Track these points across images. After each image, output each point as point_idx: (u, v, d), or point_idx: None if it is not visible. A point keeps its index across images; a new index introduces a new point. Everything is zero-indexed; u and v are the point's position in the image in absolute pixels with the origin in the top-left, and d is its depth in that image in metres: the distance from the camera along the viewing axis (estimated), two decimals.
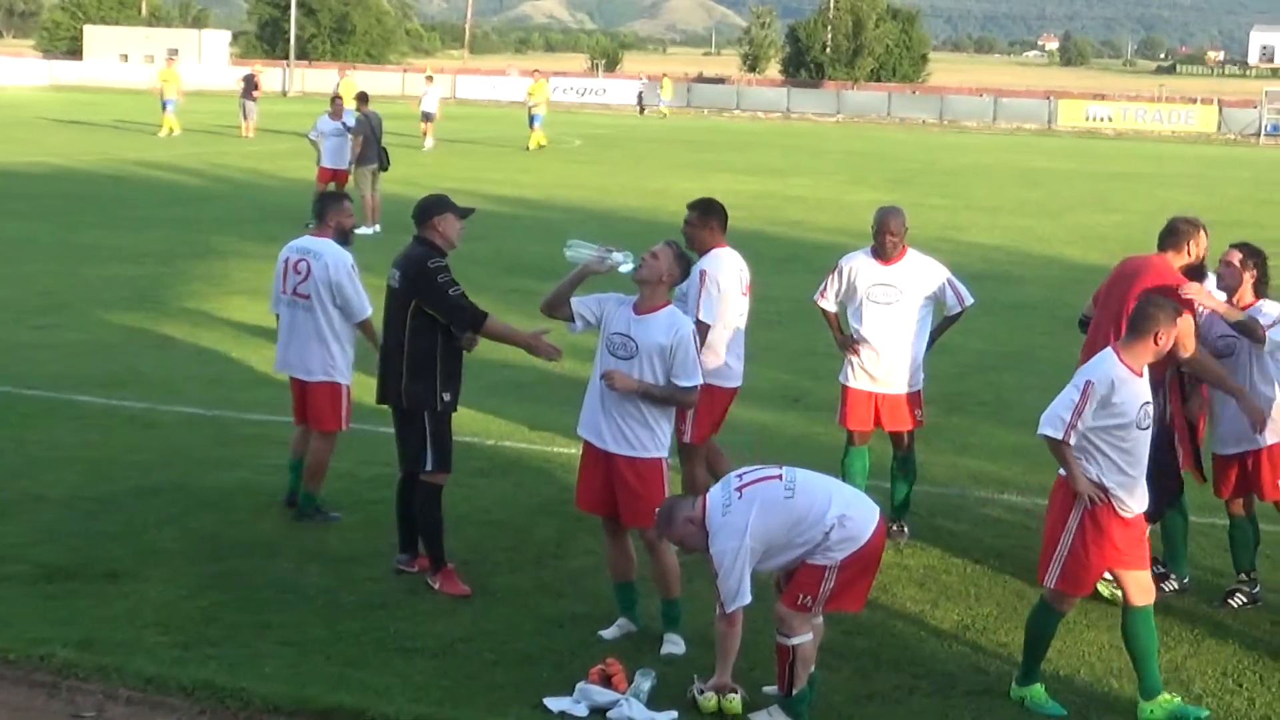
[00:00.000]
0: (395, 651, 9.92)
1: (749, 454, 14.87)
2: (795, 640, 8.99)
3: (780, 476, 9.07)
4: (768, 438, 15.56)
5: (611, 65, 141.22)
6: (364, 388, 12.68)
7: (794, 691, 9.01)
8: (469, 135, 54.81)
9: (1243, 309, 11.03)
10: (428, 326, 10.98)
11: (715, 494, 9.13)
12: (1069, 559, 9.35)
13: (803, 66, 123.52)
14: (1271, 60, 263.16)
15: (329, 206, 12.87)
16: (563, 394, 16.07)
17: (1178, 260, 11.36)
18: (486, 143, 57.34)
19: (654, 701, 9.16)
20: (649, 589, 10.46)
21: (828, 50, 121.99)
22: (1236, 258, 11.16)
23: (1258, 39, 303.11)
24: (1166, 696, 9.39)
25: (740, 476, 9.14)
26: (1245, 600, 11.28)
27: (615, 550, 10.46)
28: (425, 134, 53.28)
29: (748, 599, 8.95)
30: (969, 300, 12.87)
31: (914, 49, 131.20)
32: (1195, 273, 11.40)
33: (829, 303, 12.87)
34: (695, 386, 10.03)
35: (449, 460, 11.30)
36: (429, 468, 11.16)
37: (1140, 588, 9.32)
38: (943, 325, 13.00)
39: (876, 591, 11.31)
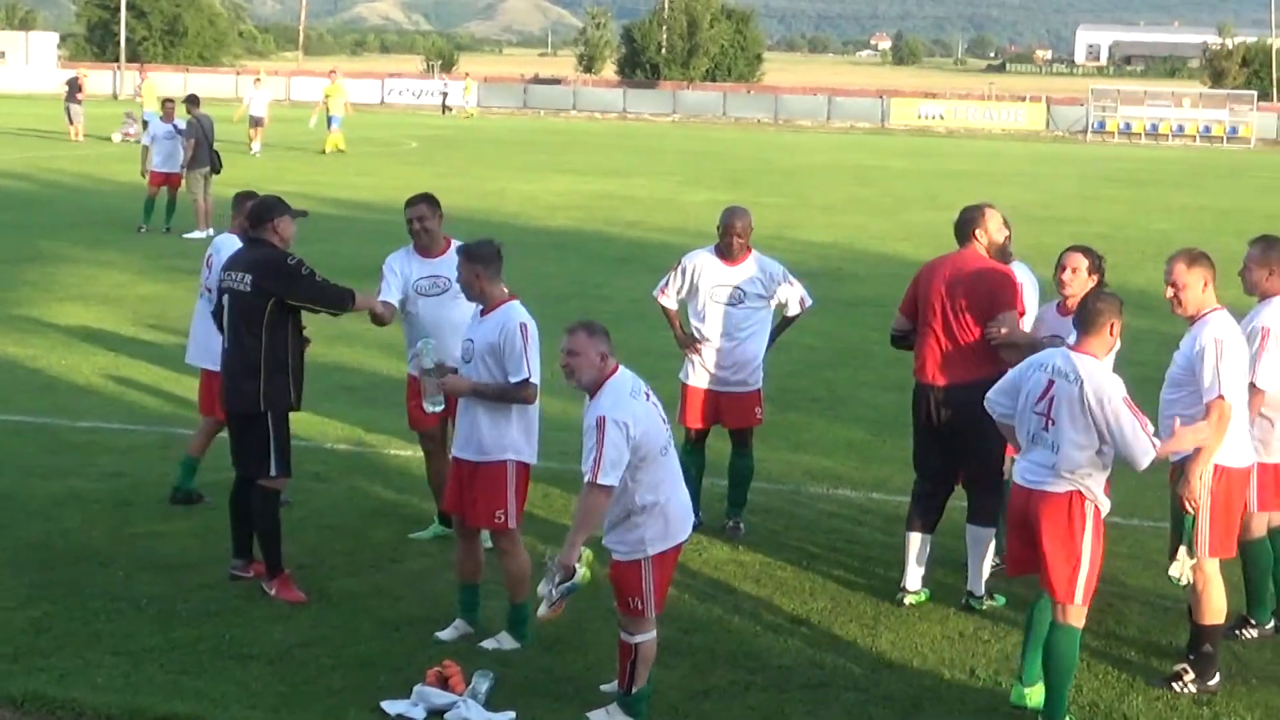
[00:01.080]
0: (231, 658, 9.85)
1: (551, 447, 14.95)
2: (639, 638, 9.05)
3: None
4: None
5: (447, 66, 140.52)
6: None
7: (634, 689, 9.06)
8: (304, 138, 54.38)
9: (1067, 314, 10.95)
10: (282, 325, 10.98)
11: (630, 376, 9.08)
12: (1090, 572, 9.15)
13: (638, 67, 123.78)
14: (1098, 59, 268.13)
15: (237, 206, 12.85)
16: (395, 397, 15.97)
17: (979, 247, 11.47)
18: (320, 144, 56.87)
19: (492, 703, 9.17)
20: (493, 592, 10.47)
21: (663, 50, 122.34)
22: (1084, 265, 11.11)
23: (1084, 38, 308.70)
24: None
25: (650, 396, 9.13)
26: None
27: (464, 551, 10.47)
28: (253, 138, 52.60)
29: (616, 480, 8.73)
30: (809, 302, 13.07)
31: (748, 49, 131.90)
32: (1002, 256, 11.57)
33: (669, 300, 12.93)
34: (524, 381, 9.97)
35: (290, 464, 11.27)
36: (273, 473, 11.11)
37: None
38: (781, 325, 13.17)
39: (712, 588, 11.46)
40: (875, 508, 13.71)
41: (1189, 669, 9.90)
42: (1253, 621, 10.87)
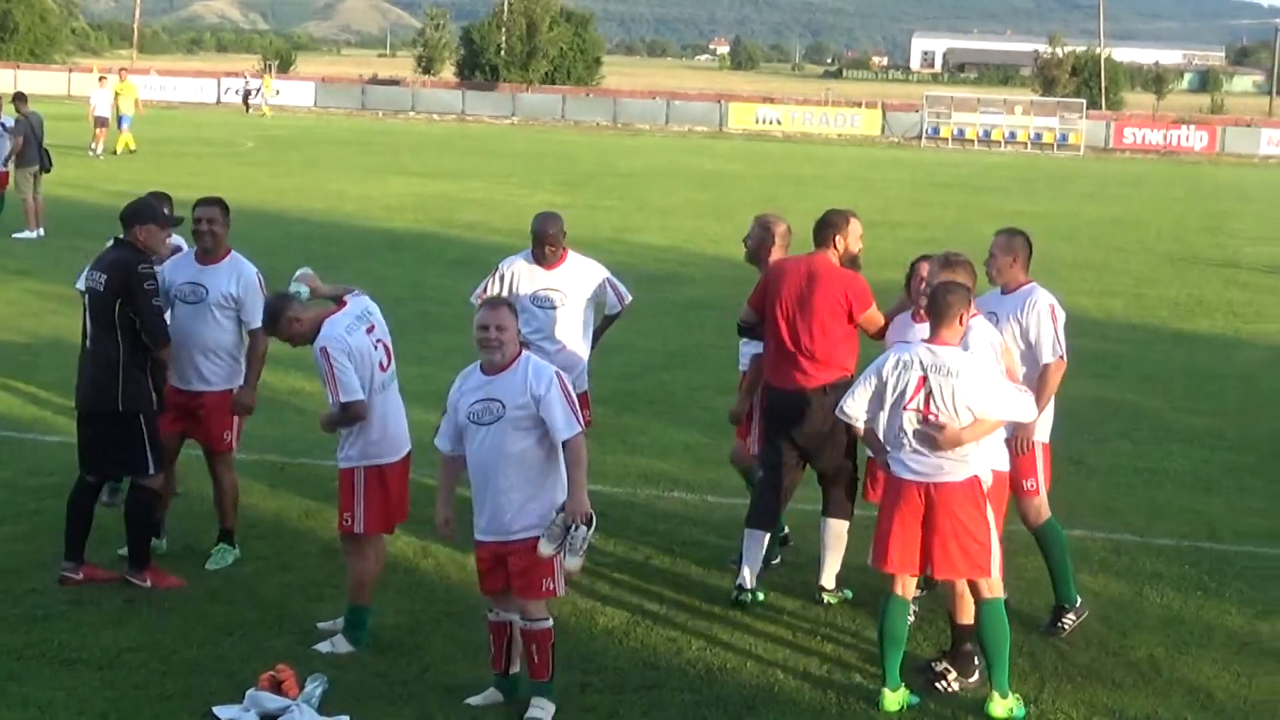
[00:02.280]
0: (60, 664, 9.72)
1: (424, 458, 14.92)
2: (550, 622, 9.28)
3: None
4: None
5: (285, 66, 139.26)
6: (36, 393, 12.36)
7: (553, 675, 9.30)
8: (139, 137, 53.62)
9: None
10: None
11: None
12: (998, 542, 9.69)
13: (477, 69, 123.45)
14: (933, 66, 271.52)
15: None
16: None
17: (834, 254, 11.65)
18: (157, 144, 56.12)
19: (325, 707, 9.12)
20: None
21: (502, 53, 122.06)
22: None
23: (919, 45, 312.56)
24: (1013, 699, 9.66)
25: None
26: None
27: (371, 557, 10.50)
28: (97, 138, 51.58)
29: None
30: (628, 299, 13.08)
31: (587, 52, 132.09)
32: (853, 265, 11.73)
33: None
34: (343, 406, 9.91)
35: (163, 461, 11.29)
36: (151, 471, 11.07)
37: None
38: (604, 325, 13.20)
39: None
40: (710, 510, 13.80)
41: (951, 668, 10.10)
42: (1066, 606, 11.08)
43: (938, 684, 9.95)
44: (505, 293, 12.65)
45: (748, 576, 11.41)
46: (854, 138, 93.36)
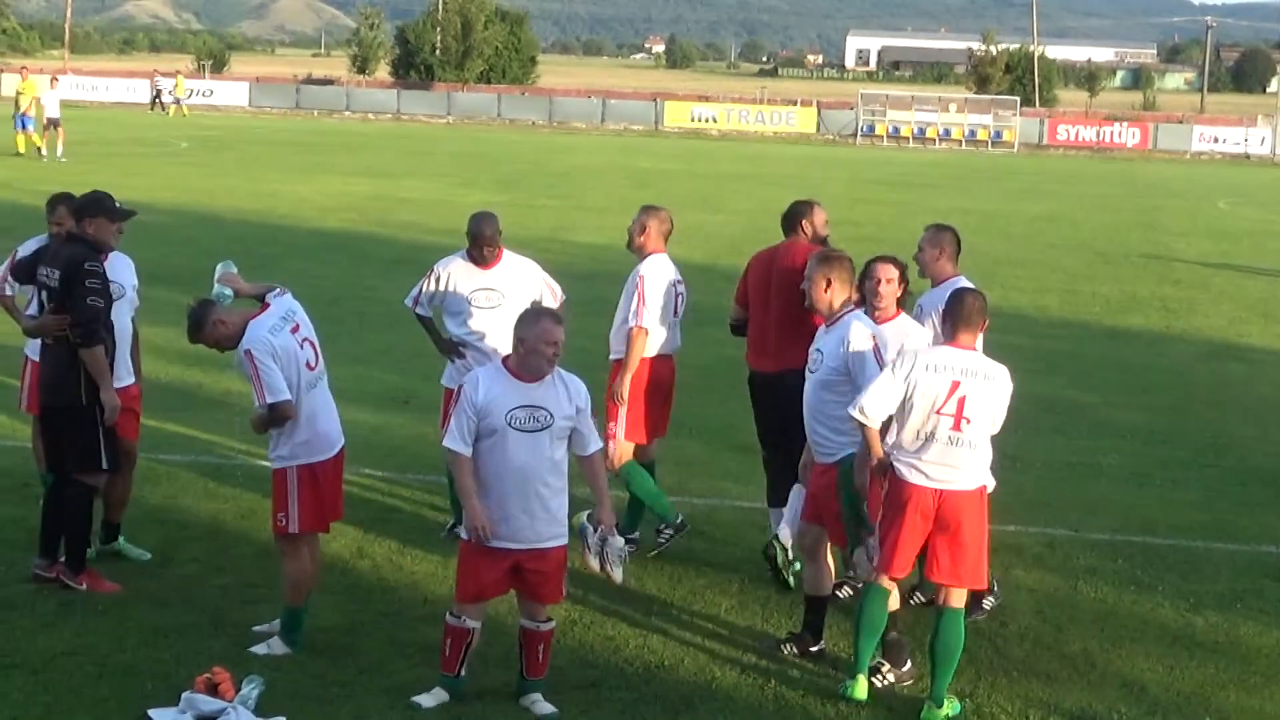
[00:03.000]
0: None
1: (360, 458, 14.89)
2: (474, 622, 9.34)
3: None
4: (378, 439, 15.54)
5: (219, 66, 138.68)
6: None
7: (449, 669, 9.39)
8: (72, 137, 53.27)
9: (889, 320, 10.68)
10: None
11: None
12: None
13: (412, 68, 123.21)
14: (868, 64, 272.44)
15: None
16: (168, 402, 15.86)
17: (803, 238, 12.11)
18: (90, 145, 55.80)
19: (262, 709, 9.08)
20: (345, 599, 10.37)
21: (437, 52, 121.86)
22: (895, 275, 10.76)
23: (854, 43, 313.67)
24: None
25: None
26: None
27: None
28: (57, 140, 50.71)
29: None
30: (560, 295, 13.10)
31: (523, 51, 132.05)
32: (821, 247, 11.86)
33: (423, 309, 12.84)
34: (270, 407, 9.84)
35: (118, 459, 11.25)
36: (105, 465, 11.05)
37: None
38: None
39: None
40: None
41: (883, 660, 10.15)
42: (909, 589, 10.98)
43: (873, 678, 9.98)
44: (440, 293, 12.63)
45: (786, 536, 11.72)
46: (789, 136, 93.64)
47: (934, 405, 9.47)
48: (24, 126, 52.12)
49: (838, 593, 11.35)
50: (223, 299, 10.37)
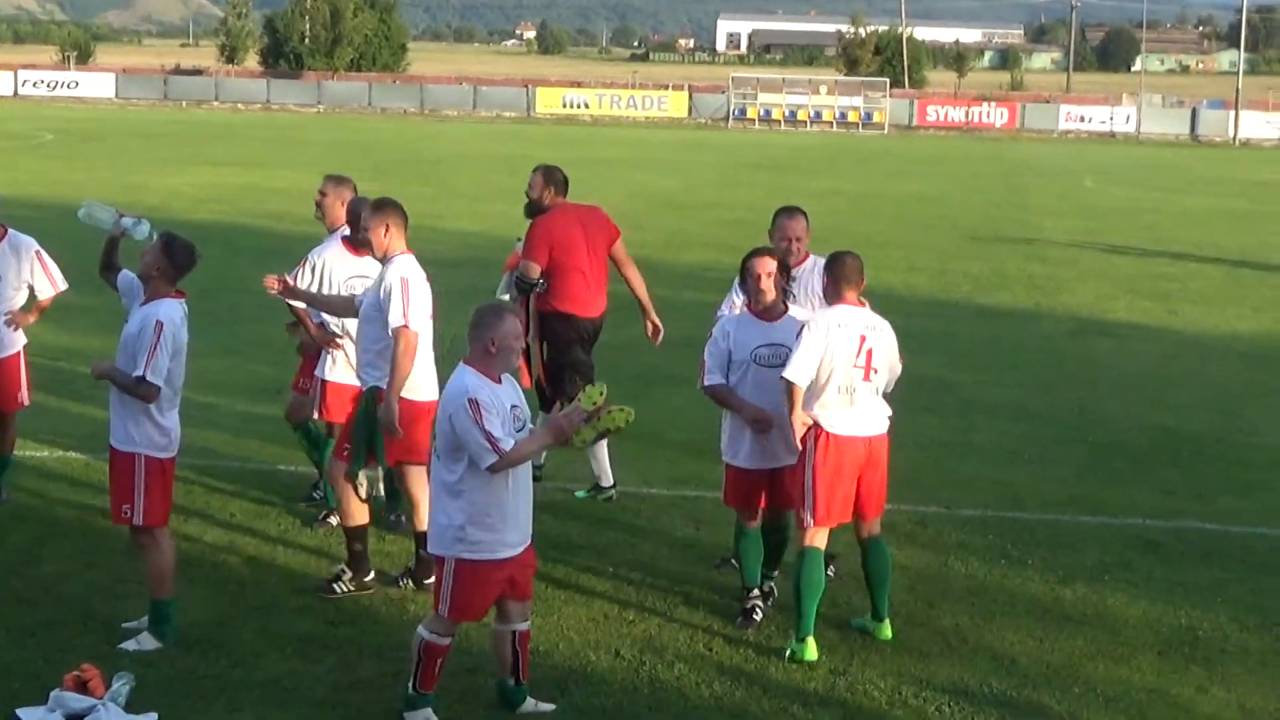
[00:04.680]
0: None
1: (231, 451, 14.78)
2: (443, 640, 9.12)
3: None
4: (251, 430, 15.43)
5: (84, 58, 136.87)
6: None
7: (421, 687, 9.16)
8: None
9: (780, 316, 10.64)
10: None
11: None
12: None
13: (282, 57, 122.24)
14: (739, 47, 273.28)
15: None
16: (34, 396, 15.64)
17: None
18: None
19: (133, 705, 8.99)
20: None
21: (306, 40, 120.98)
22: (774, 268, 10.64)
23: (725, 27, 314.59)
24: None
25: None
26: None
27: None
28: None
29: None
30: None
31: (393, 38, 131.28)
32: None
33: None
34: (142, 379, 9.77)
35: None
36: None
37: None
38: None
39: None
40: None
41: (345, 569, 11.09)
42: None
43: (335, 585, 10.94)
44: (316, 283, 12.52)
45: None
46: (661, 120, 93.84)
47: (850, 360, 10.19)
48: None
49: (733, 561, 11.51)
50: (139, 231, 10.46)
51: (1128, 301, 26.84)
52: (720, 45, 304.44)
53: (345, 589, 11.01)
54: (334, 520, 12.58)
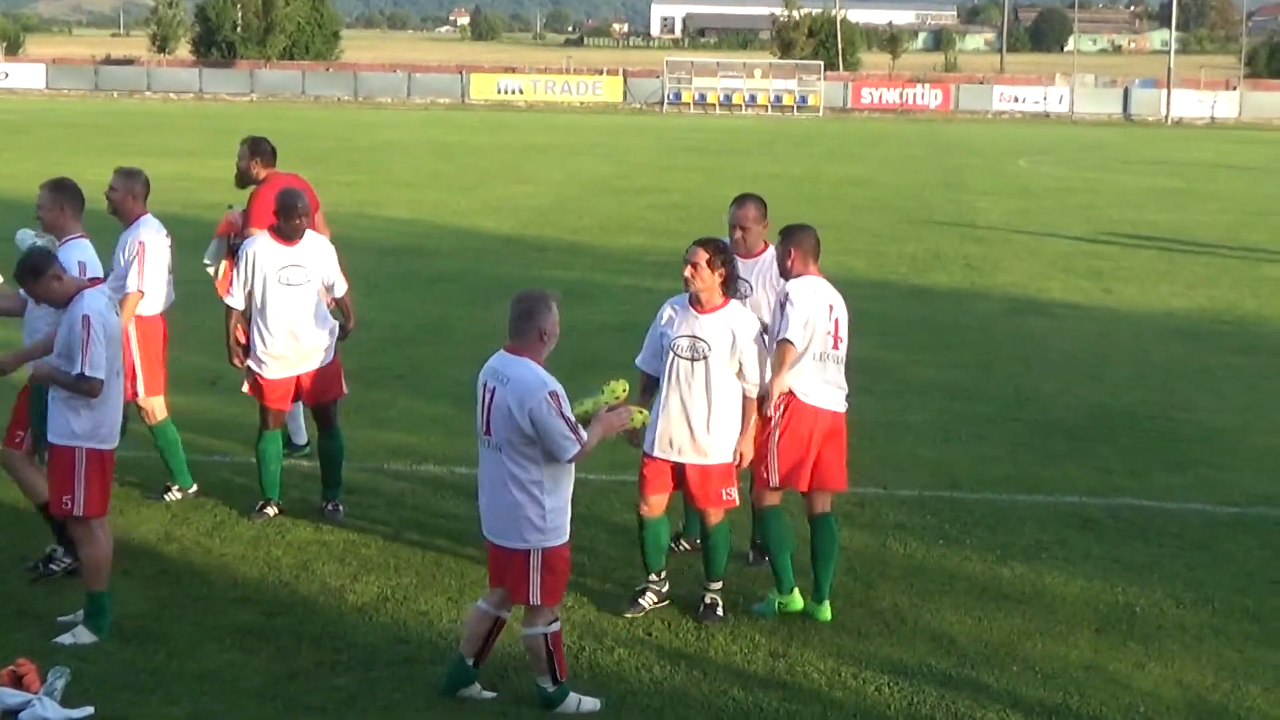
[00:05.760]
0: None
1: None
2: (556, 626, 9.12)
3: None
4: (189, 420, 15.30)
5: (14, 49, 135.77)
6: None
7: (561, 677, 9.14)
8: None
9: (713, 310, 10.35)
10: None
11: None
12: None
13: (214, 46, 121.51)
14: (673, 31, 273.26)
15: None
16: None
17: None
18: None
19: (70, 699, 8.93)
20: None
21: (239, 29, 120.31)
22: (703, 258, 10.24)
23: (659, 11, 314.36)
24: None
25: None
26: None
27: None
28: None
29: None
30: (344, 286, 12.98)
31: (326, 26, 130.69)
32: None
33: (237, 299, 12.65)
34: (82, 375, 9.70)
35: None
36: None
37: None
38: (344, 310, 13.11)
39: (296, 570, 11.36)
40: (458, 481, 13.73)
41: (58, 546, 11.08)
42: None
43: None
44: (249, 276, 12.45)
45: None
46: (597, 105, 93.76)
47: (825, 328, 10.58)
48: None
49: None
50: (53, 245, 10.38)
51: (1062, 280, 26.96)
52: (655, 29, 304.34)
53: (60, 565, 11.06)
54: (271, 511, 12.54)
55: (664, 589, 10.87)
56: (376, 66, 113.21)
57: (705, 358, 10.20)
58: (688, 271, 10.29)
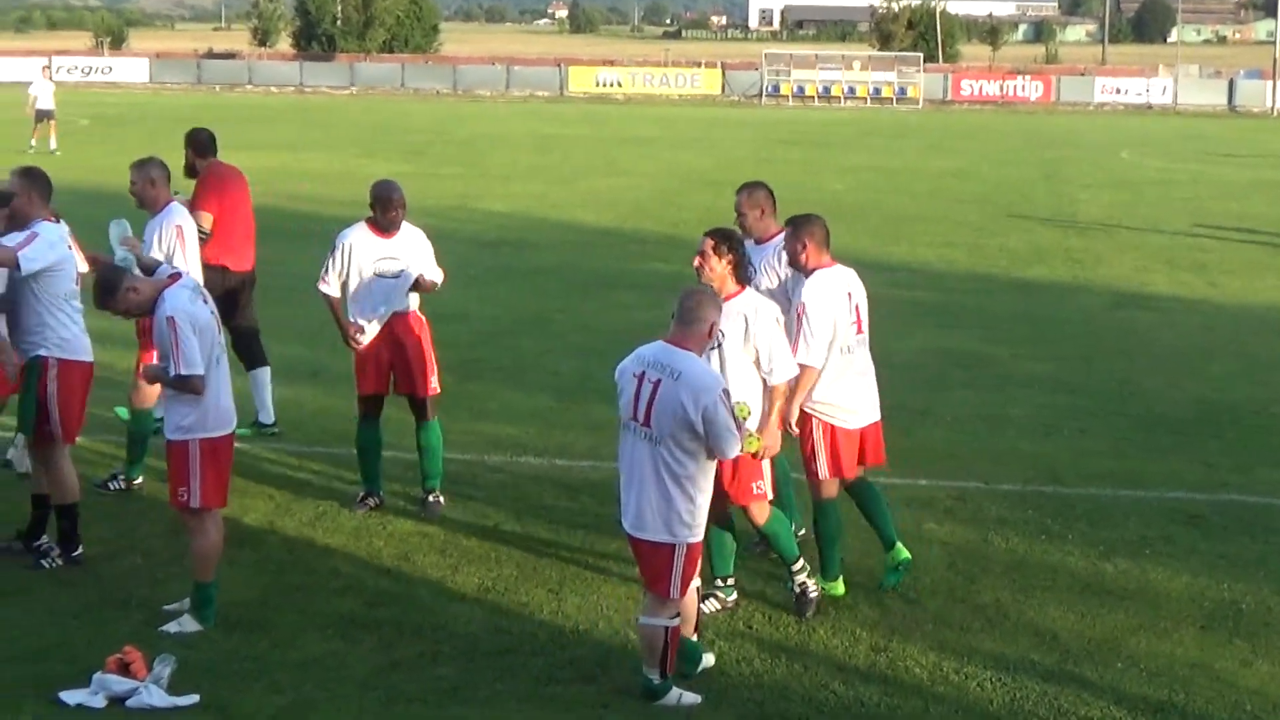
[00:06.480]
0: None
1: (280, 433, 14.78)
2: (677, 621, 9.13)
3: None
4: (287, 412, 15.43)
5: (118, 43, 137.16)
6: None
7: (668, 672, 9.15)
8: None
9: (728, 298, 10.03)
10: None
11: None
12: None
13: (314, 39, 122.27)
14: (771, 24, 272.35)
15: None
16: None
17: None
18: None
19: (174, 687, 9.00)
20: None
21: (338, 23, 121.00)
22: (709, 246, 10.09)
23: (757, 3, 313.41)
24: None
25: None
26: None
27: None
28: (49, 133, 48.76)
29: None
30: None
31: (425, 19, 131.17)
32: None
33: (332, 288, 12.67)
34: (181, 376, 9.80)
35: None
36: None
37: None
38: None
39: (398, 561, 11.41)
40: (558, 474, 13.78)
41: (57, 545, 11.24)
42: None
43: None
44: (345, 266, 12.51)
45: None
46: (695, 98, 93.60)
47: (847, 320, 10.63)
48: None
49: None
50: (128, 264, 10.35)
51: (1166, 274, 26.69)
52: (753, 22, 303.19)
53: (54, 563, 11.20)
54: (372, 502, 12.61)
55: (730, 597, 10.74)
56: (475, 59, 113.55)
57: (719, 345, 9.89)
58: (696, 261, 10.18)
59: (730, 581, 10.72)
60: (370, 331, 12.53)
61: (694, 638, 9.46)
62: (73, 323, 11.26)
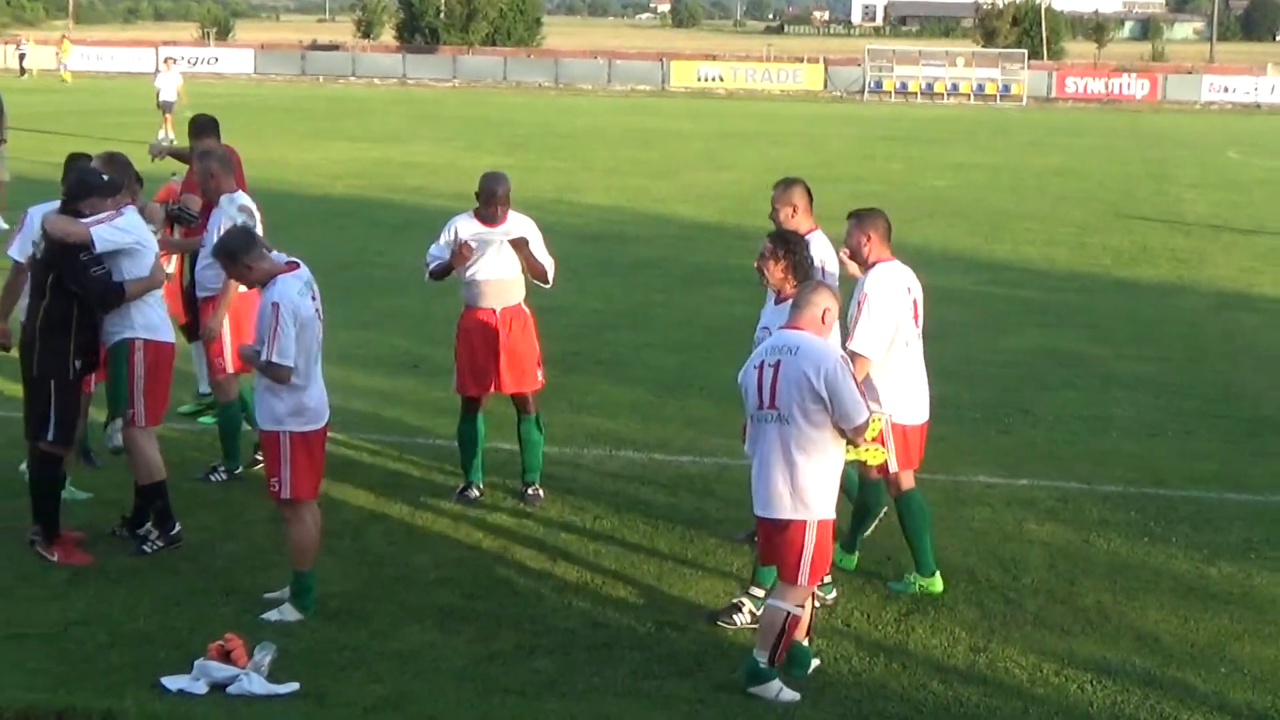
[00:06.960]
0: (6, 638, 9.65)
1: (369, 424, 14.87)
2: (800, 610, 9.21)
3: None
4: (388, 403, 15.52)
5: (224, 34, 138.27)
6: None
7: (776, 660, 9.16)
8: (85, 105, 53.11)
9: (787, 298, 10.03)
10: (64, 295, 10.88)
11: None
12: None
13: (417, 32, 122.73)
14: (874, 19, 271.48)
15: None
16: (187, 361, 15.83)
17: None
18: (96, 115, 55.71)
19: (274, 675, 9.07)
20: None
21: (441, 15, 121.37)
22: (767, 249, 10.21)
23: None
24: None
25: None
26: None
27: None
28: (165, 124, 49.00)
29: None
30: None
31: (528, 13, 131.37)
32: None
33: (439, 277, 12.77)
34: (270, 362, 9.85)
35: (70, 434, 11.16)
36: (50, 438, 10.97)
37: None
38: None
39: (497, 553, 11.45)
40: (657, 468, 13.78)
41: (153, 528, 11.35)
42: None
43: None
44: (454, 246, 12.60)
45: None
46: (796, 93, 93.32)
47: (908, 315, 10.67)
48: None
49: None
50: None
51: (1273, 275, 26.34)
52: (855, 17, 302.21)
53: (154, 546, 11.31)
54: (472, 493, 12.65)
55: (830, 595, 10.66)
56: (577, 53, 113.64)
57: None
58: (756, 263, 10.30)
59: (829, 580, 10.68)
60: (479, 251, 12.48)
61: (805, 642, 9.43)
62: (157, 305, 11.42)
